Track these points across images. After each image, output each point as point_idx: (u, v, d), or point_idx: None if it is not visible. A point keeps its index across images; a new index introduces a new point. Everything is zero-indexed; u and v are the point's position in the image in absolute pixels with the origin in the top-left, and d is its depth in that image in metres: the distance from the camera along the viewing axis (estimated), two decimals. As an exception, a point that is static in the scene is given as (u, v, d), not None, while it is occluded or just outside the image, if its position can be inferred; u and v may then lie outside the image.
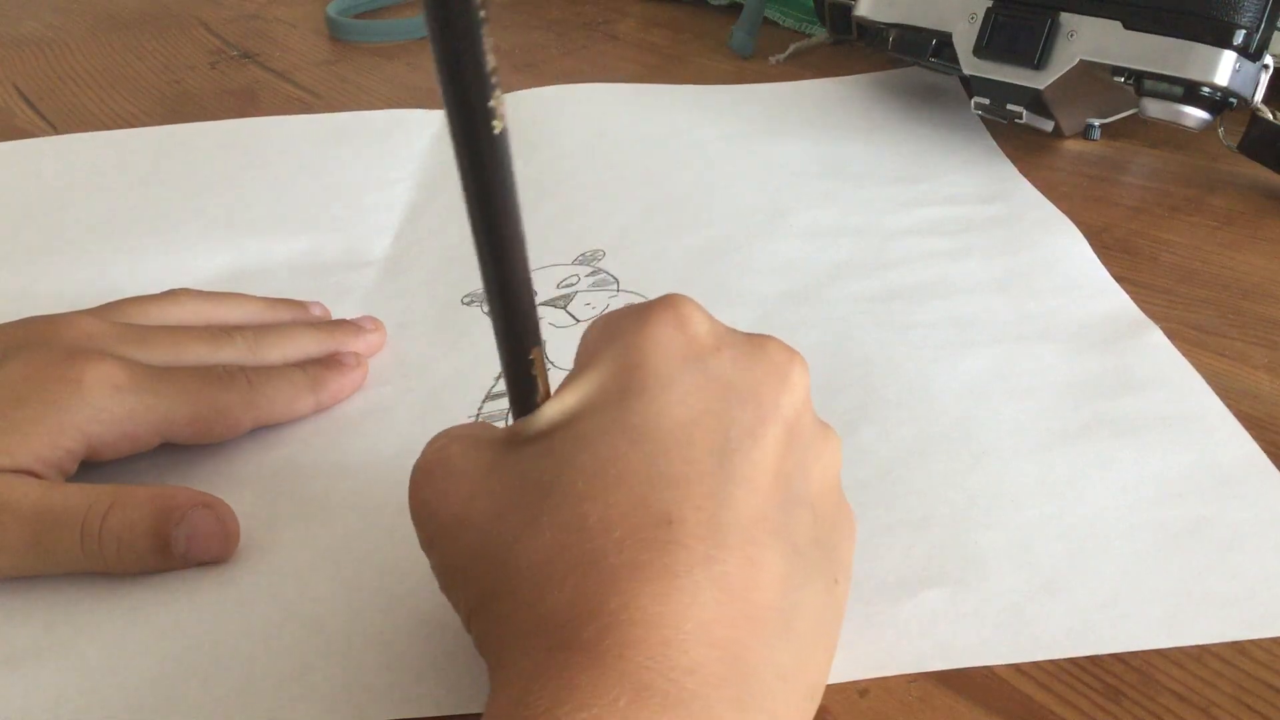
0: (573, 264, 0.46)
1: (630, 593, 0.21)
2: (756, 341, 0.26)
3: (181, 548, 0.30)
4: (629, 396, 0.24)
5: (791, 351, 0.26)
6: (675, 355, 0.24)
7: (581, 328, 0.41)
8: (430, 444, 0.26)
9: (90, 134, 0.62)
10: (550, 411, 0.24)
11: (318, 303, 0.42)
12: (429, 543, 0.25)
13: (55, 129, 0.63)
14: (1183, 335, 0.39)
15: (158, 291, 0.39)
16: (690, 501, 0.22)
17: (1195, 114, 0.47)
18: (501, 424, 0.36)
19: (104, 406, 0.32)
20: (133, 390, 0.33)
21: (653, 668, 0.20)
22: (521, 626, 0.22)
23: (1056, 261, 0.44)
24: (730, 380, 0.24)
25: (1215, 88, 0.46)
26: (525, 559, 0.22)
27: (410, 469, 0.26)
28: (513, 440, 0.25)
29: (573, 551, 0.22)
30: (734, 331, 0.26)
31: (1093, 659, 0.27)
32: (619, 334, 0.25)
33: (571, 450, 0.23)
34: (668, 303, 0.25)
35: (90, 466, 0.33)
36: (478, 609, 0.23)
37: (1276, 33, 0.46)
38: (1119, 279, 0.43)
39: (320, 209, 0.52)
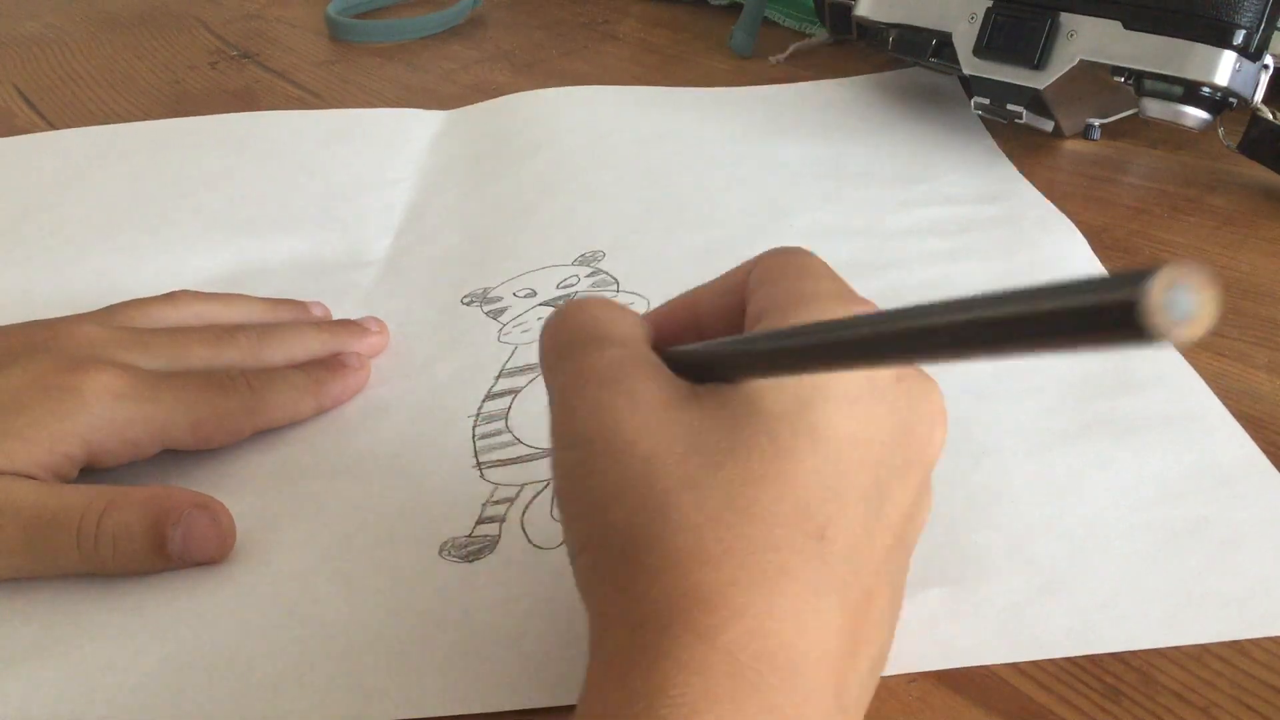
0: (573, 264, 0.46)
1: (774, 600, 0.21)
2: (925, 385, 0.26)
3: (177, 549, 0.30)
4: (815, 399, 0.23)
5: (944, 406, 0.26)
6: (862, 374, 0.24)
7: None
8: (597, 350, 0.25)
9: (87, 129, 0.62)
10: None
11: (318, 303, 0.42)
12: (574, 450, 0.24)
13: (55, 129, 0.63)
14: (1183, 335, 0.39)
15: (158, 292, 0.39)
16: (843, 522, 0.23)
17: (1195, 114, 0.47)
18: (498, 424, 0.36)
19: (105, 415, 0.32)
20: (133, 398, 0.33)
21: (780, 688, 0.20)
22: (660, 582, 0.21)
23: (1056, 261, 0.44)
24: (899, 416, 0.24)
25: (1215, 88, 0.46)
26: (684, 516, 0.22)
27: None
28: (694, 389, 0.24)
29: (733, 532, 0.22)
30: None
31: (1093, 659, 0.27)
32: None
33: (754, 430, 0.23)
34: None
35: (90, 472, 0.33)
36: (605, 541, 0.23)
37: (1276, 33, 0.46)
38: (1119, 279, 0.43)
39: (320, 208, 0.52)
